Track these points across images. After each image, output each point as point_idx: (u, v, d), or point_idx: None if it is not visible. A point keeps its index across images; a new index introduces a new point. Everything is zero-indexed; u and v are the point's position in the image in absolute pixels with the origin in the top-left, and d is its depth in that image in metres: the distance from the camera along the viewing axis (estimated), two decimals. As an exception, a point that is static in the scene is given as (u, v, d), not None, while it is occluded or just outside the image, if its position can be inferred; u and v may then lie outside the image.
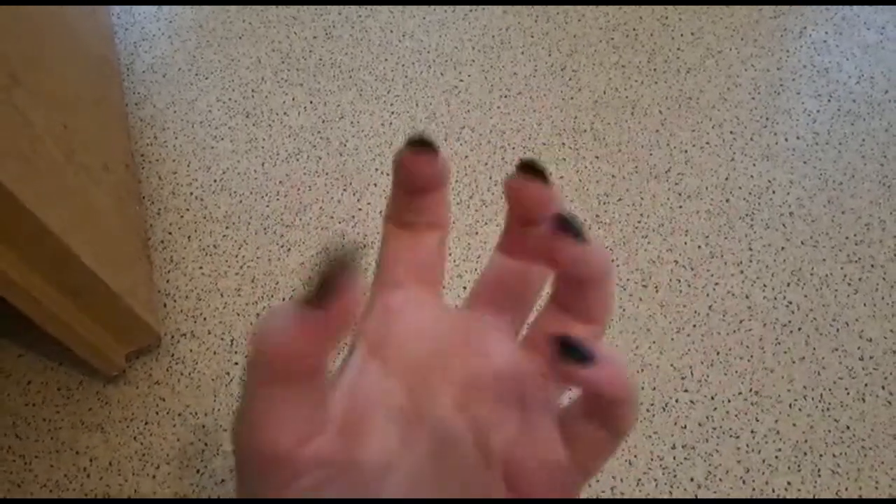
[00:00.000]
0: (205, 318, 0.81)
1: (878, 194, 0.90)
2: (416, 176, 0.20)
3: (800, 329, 0.81)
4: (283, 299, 0.82)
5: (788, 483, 0.72)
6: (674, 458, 0.74)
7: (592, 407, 0.17)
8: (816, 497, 0.72)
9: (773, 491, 0.72)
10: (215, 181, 0.90)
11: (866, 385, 0.78)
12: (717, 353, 0.79)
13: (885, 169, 0.91)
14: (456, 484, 0.18)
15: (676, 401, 0.77)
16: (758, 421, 0.76)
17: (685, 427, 0.75)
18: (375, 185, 0.90)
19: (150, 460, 0.74)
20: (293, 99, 0.97)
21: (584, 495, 0.72)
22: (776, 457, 0.74)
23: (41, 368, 0.78)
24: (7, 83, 0.54)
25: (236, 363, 0.78)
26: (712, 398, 0.77)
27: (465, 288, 0.83)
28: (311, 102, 0.96)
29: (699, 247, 0.86)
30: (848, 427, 0.75)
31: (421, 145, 0.20)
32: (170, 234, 0.86)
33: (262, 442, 0.16)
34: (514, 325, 0.22)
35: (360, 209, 0.88)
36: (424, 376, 0.20)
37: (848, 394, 0.77)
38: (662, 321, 0.81)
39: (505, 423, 0.19)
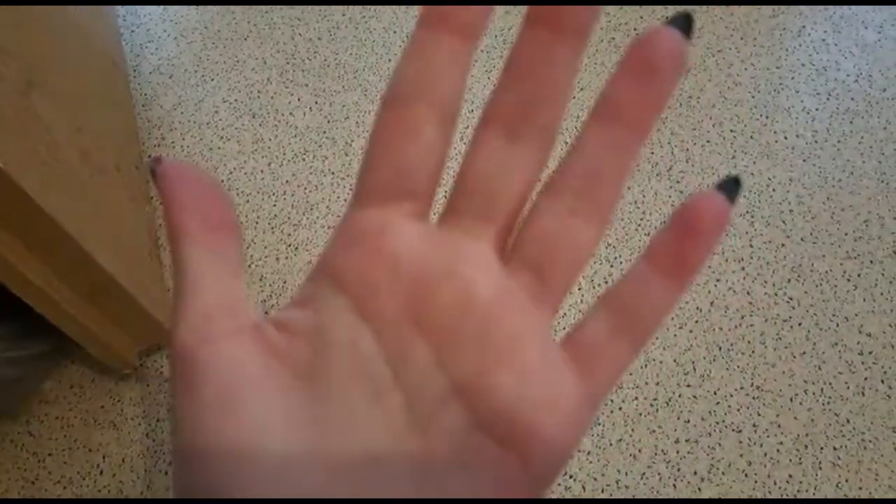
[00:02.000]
0: (214, 317, 0.82)
1: (876, 191, 0.91)
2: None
3: (800, 324, 0.82)
4: (292, 298, 0.83)
5: (790, 476, 0.74)
6: (677, 451, 0.75)
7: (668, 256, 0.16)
8: (817, 489, 0.73)
9: (775, 483, 0.74)
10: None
11: (866, 379, 0.79)
12: (719, 349, 0.81)
13: (883, 166, 0.93)
14: (444, 455, 0.15)
15: (679, 395, 0.78)
16: (759, 415, 0.77)
17: (688, 421, 0.77)
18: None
19: (163, 457, 0.75)
20: (299, 99, 0.98)
21: (588, 492, 0.73)
22: (778, 450, 0.75)
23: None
24: (25, 88, 0.55)
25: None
26: (714, 393, 0.78)
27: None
28: (316, 103, 0.97)
29: (701, 244, 0.87)
30: (848, 420, 0.77)
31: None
32: (178, 233, 0.87)
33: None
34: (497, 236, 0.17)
35: (366, 208, 0.89)
36: (397, 321, 0.16)
37: (848, 388, 0.79)
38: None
39: (499, 372, 0.15)
